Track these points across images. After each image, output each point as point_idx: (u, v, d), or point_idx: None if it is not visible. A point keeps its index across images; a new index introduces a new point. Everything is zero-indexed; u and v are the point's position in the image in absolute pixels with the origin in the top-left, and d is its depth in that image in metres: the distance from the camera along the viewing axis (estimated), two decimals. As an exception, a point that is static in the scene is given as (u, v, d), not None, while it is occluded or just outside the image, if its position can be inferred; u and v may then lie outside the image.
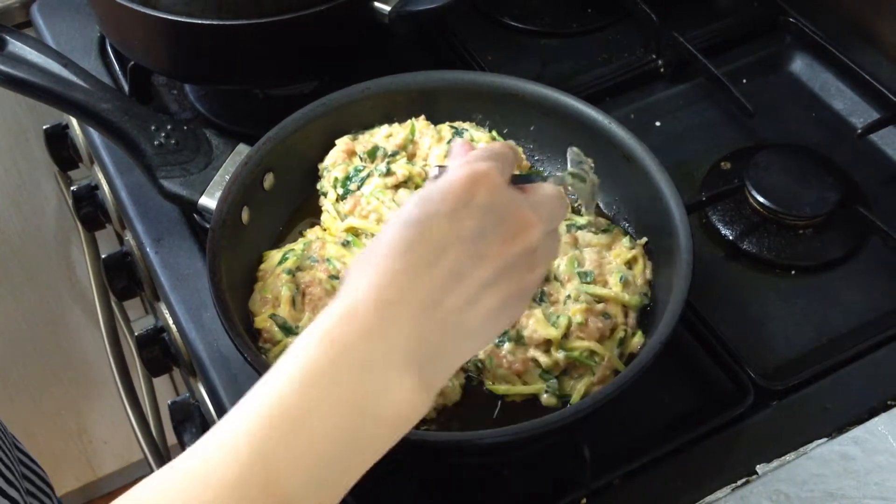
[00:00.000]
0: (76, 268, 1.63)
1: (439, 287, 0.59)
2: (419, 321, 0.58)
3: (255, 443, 0.53)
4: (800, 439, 0.85)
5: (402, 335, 0.57)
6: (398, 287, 0.58)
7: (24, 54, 0.93)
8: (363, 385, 0.55)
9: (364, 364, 0.56)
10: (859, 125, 1.09)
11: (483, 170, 0.62)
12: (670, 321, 0.79)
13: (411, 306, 0.58)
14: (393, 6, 0.98)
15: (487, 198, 0.62)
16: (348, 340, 0.56)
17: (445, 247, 0.60)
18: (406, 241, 0.59)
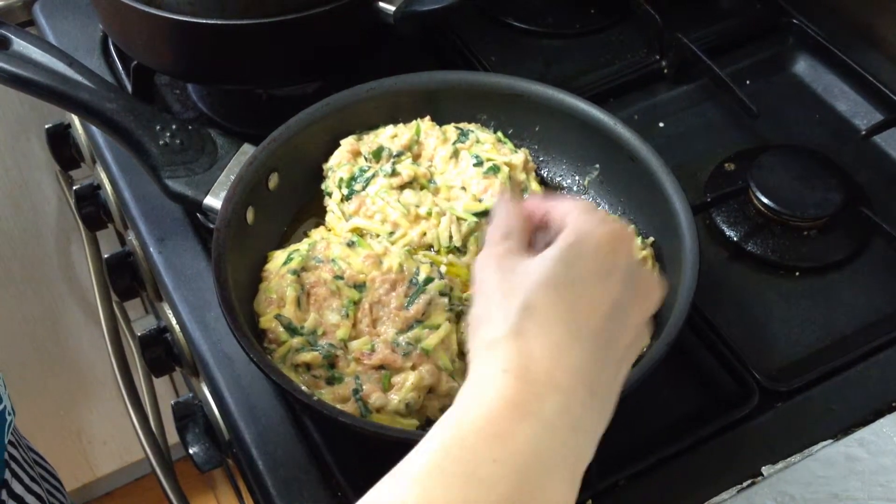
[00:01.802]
0: (76, 268, 1.63)
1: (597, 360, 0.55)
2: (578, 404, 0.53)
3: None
4: (805, 441, 0.85)
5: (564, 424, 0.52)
6: (563, 366, 0.53)
7: (29, 53, 0.93)
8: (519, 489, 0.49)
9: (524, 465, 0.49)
10: (863, 127, 1.09)
11: (621, 229, 0.61)
12: (676, 323, 0.79)
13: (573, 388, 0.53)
14: (397, 6, 0.98)
15: (628, 262, 0.59)
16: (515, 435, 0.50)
17: (601, 315, 0.56)
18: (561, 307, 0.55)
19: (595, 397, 0.55)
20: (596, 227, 0.60)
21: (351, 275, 0.85)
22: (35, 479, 0.83)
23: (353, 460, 0.84)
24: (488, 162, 0.93)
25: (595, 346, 0.55)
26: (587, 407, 0.54)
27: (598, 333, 0.56)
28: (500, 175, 0.93)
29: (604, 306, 0.57)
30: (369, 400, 0.79)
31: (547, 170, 1.00)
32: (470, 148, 0.95)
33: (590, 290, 0.57)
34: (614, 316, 0.57)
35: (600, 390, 0.55)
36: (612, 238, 0.59)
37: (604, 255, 0.58)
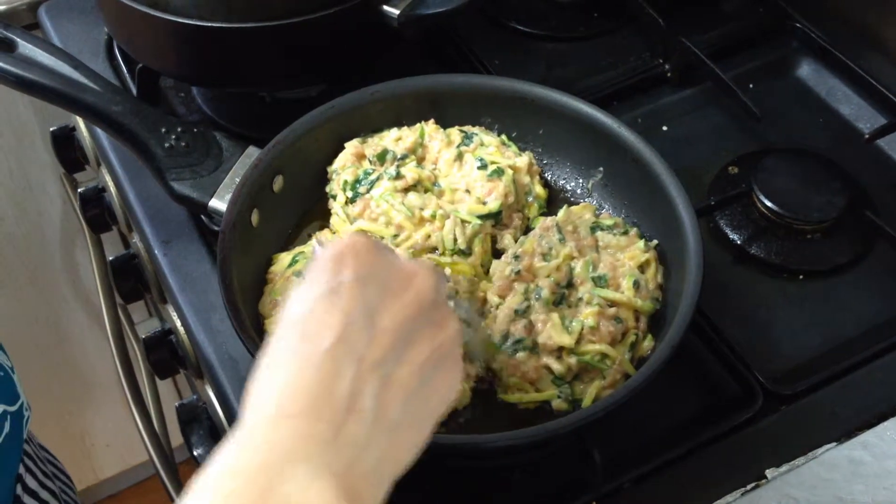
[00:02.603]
0: (81, 270, 1.63)
1: (339, 376, 0.53)
2: (326, 425, 0.51)
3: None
4: (809, 444, 0.84)
5: (309, 445, 0.50)
6: (294, 393, 0.52)
7: (35, 56, 0.93)
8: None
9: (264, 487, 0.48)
10: (866, 130, 1.09)
11: (350, 242, 0.58)
12: (680, 326, 0.79)
13: (313, 411, 0.52)
14: (402, 10, 0.98)
15: (362, 265, 0.57)
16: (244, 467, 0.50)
17: (333, 329, 0.54)
18: (292, 339, 0.55)
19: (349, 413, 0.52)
20: (324, 252, 0.59)
21: (355, 277, 0.85)
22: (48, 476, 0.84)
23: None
24: (492, 165, 0.94)
25: (334, 361, 0.53)
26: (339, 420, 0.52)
27: (336, 348, 0.54)
28: (505, 178, 0.93)
29: (336, 319, 0.55)
30: (374, 402, 0.79)
31: (550, 173, 1.00)
32: (474, 151, 0.95)
33: (317, 309, 0.55)
34: (352, 326, 0.55)
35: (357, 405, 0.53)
36: (336, 253, 0.58)
37: (327, 274, 0.57)
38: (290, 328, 0.55)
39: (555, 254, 0.88)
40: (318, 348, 0.54)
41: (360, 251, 0.58)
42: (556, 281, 0.85)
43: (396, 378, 0.55)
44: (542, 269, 0.86)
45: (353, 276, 0.57)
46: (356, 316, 0.55)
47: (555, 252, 0.88)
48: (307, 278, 0.58)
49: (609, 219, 0.92)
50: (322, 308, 0.55)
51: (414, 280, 0.59)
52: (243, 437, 0.51)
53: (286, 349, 0.55)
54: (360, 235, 0.60)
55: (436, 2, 0.99)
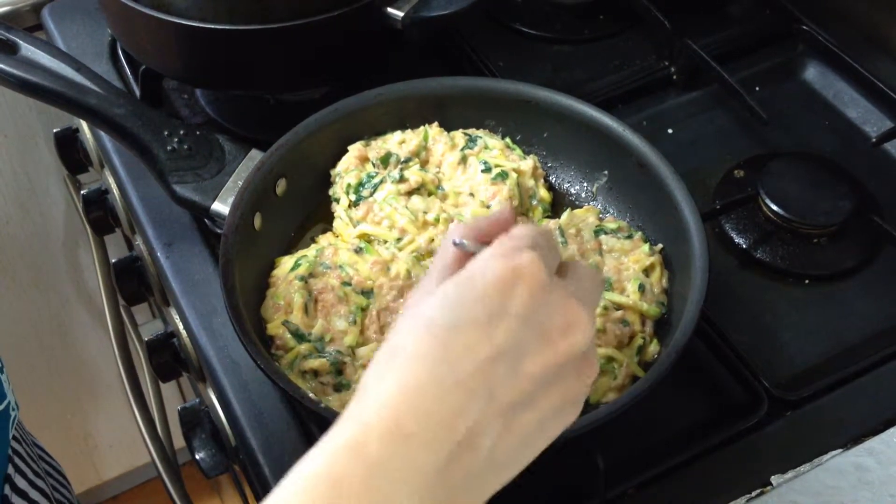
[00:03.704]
0: (84, 272, 1.63)
1: (467, 409, 0.50)
2: (441, 456, 0.50)
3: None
4: (815, 450, 0.84)
5: (418, 472, 0.49)
6: (418, 413, 0.50)
7: (37, 58, 0.93)
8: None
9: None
10: (873, 134, 1.09)
11: (523, 266, 0.53)
12: (686, 331, 0.78)
13: (431, 438, 0.50)
14: (406, 12, 0.98)
15: (527, 302, 0.53)
16: (350, 484, 0.48)
17: (477, 363, 0.51)
18: (430, 349, 0.51)
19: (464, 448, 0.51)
20: (492, 264, 0.54)
21: (359, 281, 0.85)
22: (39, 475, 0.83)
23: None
24: (496, 168, 0.93)
25: (468, 394, 0.51)
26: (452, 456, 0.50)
27: (474, 381, 0.51)
28: (509, 181, 0.92)
29: (482, 353, 0.51)
30: (377, 407, 0.79)
31: (555, 176, 0.99)
32: (478, 154, 0.95)
33: (469, 333, 0.52)
34: (499, 363, 0.52)
35: (474, 441, 0.51)
36: (505, 278, 0.53)
37: (492, 297, 0.53)
38: (433, 335, 0.52)
39: (557, 257, 0.87)
40: (455, 376, 0.51)
41: (533, 285, 0.53)
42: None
43: (520, 422, 0.53)
44: (544, 272, 0.86)
45: (518, 313, 0.53)
46: (506, 355, 0.52)
47: (557, 255, 0.87)
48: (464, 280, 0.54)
49: (613, 222, 0.92)
50: (475, 335, 0.52)
51: (572, 331, 0.55)
52: (357, 445, 0.49)
53: (423, 355, 0.51)
54: (536, 259, 0.54)
55: (440, 4, 0.98)
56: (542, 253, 0.55)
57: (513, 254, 0.54)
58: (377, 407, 0.50)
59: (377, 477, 0.48)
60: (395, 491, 0.48)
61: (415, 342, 0.52)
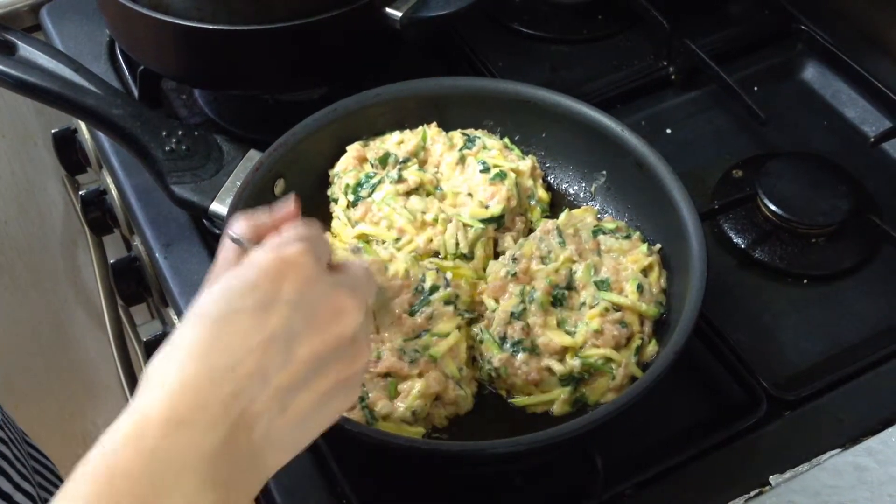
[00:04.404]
0: (82, 272, 1.63)
1: (242, 392, 0.53)
2: (219, 437, 0.52)
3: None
4: (813, 450, 0.84)
5: (197, 457, 0.52)
6: (194, 401, 0.52)
7: (35, 59, 0.93)
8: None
9: (147, 495, 0.50)
10: (872, 134, 1.09)
11: (292, 257, 0.57)
12: (684, 331, 0.78)
13: (208, 423, 0.52)
14: (404, 12, 0.98)
15: (297, 290, 0.56)
16: (131, 472, 0.51)
17: (249, 348, 0.54)
18: (205, 340, 0.54)
19: (240, 429, 0.53)
20: (263, 256, 0.57)
21: (357, 281, 0.85)
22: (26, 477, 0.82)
23: (358, 468, 0.83)
24: (495, 168, 0.93)
25: (242, 379, 0.53)
26: (230, 437, 0.53)
27: (247, 366, 0.54)
28: (507, 181, 0.92)
29: (256, 339, 0.54)
30: (375, 407, 0.79)
31: (553, 176, 0.99)
32: (476, 154, 0.95)
33: (241, 321, 0.55)
34: (271, 348, 0.55)
35: (250, 423, 0.54)
36: (275, 268, 0.56)
37: (263, 286, 0.56)
38: (207, 326, 0.55)
39: (554, 257, 0.87)
40: (228, 363, 0.54)
41: (302, 272, 0.57)
42: (552, 283, 0.85)
43: (295, 404, 0.56)
44: (539, 271, 0.86)
45: (288, 300, 0.56)
46: (278, 341, 0.55)
47: (554, 255, 0.87)
48: (236, 273, 0.57)
49: (611, 222, 0.92)
50: (247, 323, 0.55)
51: (342, 316, 0.58)
52: (136, 436, 0.52)
53: (198, 346, 0.54)
54: (305, 250, 0.58)
55: (439, 4, 0.98)
56: (311, 245, 0.58)
57: (282, 246, 0.58)
58: (156, 398, 0.52)
59: (155, 463, 0.51)
60: (174, 474, 0.51)
61: (190, 334, 0.54)
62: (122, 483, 0.51)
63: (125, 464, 0.51)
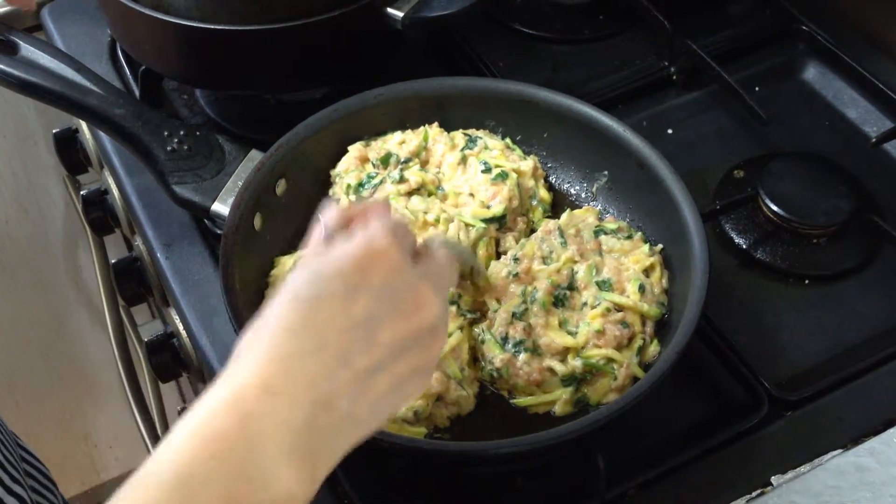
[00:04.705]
0: (83, 272, 1.63)
1: (327, 374, 0.57)
2: (305, 413, 0.56)
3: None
4: (815, 450, 0.84)
5: (286, 428, 0.55)
6: (285, 375, 0.56)
7: (37, 59, 0.93)
8: (240, 482, 0.54)
9: (243, 459, 0.54)
10: (873, 134, 1.09)
11: (382, 248, 0.61)
12: (686, 331, 0.78)
13: (297, 397, 0.56)
14: (406, 12, 0.98)
15: (383, 279, 0.60)
16: (228, 434, 0.54)
17: (335, 333, 0.58)
18: (296, 321, 0.58)
19: (326, 406, 0.57)
20: (353, 247, 0.60)
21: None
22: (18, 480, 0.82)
23: (359, 468, 0.83)
24: (496, 168, 0.93)
25: (328, 360, 0.57)
26: (314, 413, 0.56)
27: (332, 348, 0.58)
28: (509, 181, 0.92)
29: (342, 323, 0.58)
30: (377, 408, 0.79)
31: (555, 176, 0.99)
32: (478, 154, 0.95)
33: (329, 306, 0.58)
34: (355, 333, 0.58)
35: (334, 401, 0.57)
36: (363, 258, 0.60)
37: (352, 274, 0.59)
38: (298, 307, 0.58)
39: (555, 257, 0.87)
40: (316, 344, 0.57)
41: (388, 264, 0.60)
42: (554, 283, 0.85)
43: (375, 385, 0.59)
44: (541, 271, 0.86)
45: (374, 289, 0.60)
46: (361, 324, 0.59)
47: (555, 255, 0.87)
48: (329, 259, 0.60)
49: (613, 223, 0.92)
50: (334, 307, 0.58)
51: (423, 308, 0.62)
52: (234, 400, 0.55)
53: (289, 326, 0.57)
54: (393, 244, 0.61)
55: (440, 4, 0.98)
56: (399, 238, 0.62)
57: (372, 239, 0.61)
58: (250, 370, 0.56)
59: (250, 427, 0.54)
60: (266, 439, 0.54)
61: (281, 314, 0.58)
62: (219, 443, 0.54)
63: (223, 425, 0.54)
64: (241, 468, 0.54)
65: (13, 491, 0.81)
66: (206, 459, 0.53)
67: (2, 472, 0.82)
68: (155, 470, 0.54)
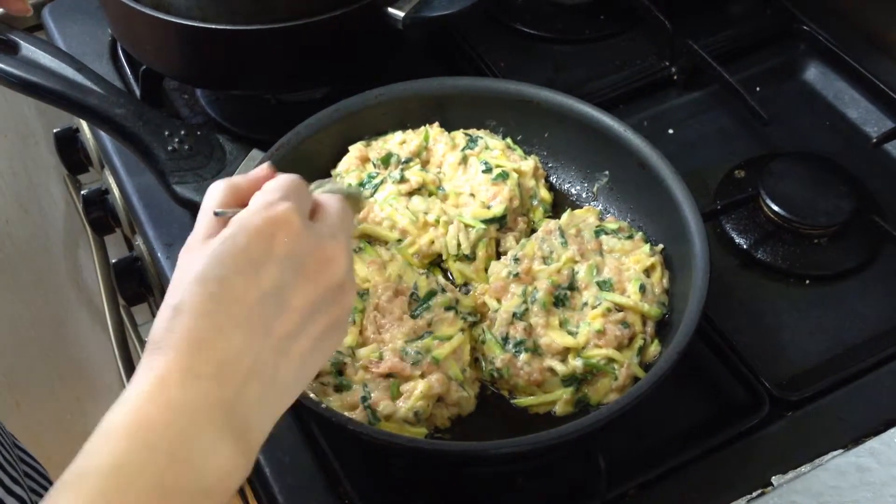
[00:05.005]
0: (84, 272, 1.63)
1: (248, 347, 0.58)
2: (231, 389, 0.57)
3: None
4: (815, 451, 0.84)
5: (215, 407, 0.56)
6: (207, 357, 0.56)
7: (38, 58, 0.93)
8: (174, 466, 0.54)
9: (175, 445, 0.54)
10: (874, 134, 1.09)
11: (281, 215, 0.60)
12: (687, 331, 0.78)
13: (222, 376, 0.57)
14: (406, 12, 0.98)
15: (287, 247, 0.60)
16: (157, 422, 0.54)
17: (250, 305, 0.58)
18: (206, 302, 0.57)
19: (251, 379, 0.58)
20: (253, 219, 0.60)
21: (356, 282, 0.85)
22: (17, 480, 0.82)
23: (360, 467, 0.83)
24: (497, 168, 0.93)
25: (246, 334, 0.58)
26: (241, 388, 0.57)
27: (248, 322, 0.58)
28: (509, 181, 0.92)
29: (253, 296, 0.58)
30: (378, 408, 0.79)
31: (556, 176, 0.99)
32: (479, 154, 0.95)
33: (237, 282, 0.58)
34: (267, 303, 0.59)
35: (258, 372, 0.58)
36: (266, 226, 0.60)
37: (256, 244, 0.59)
38: (206, 289, 0.58)
39: (556, 257, 0.87)
40: (231, 321, 0.58)
41: (289, 232, 0.60)
42: (554, 283, 0.85)
43: (295, 349, 0.60)
44: (541, 272, 0.86)
45: (279, 258, 0.60)
46: (271, 294, 0.59)
47: (556, 255, 0.87)
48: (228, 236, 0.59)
49: (614, 223, 0.92)
50: (243, 283, 0.58)
51: (329, 265, 0.62)
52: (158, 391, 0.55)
53: (201, 307, 0.57)
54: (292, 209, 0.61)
55: (441, 4, 0.98)
56: (295, 202, 0.62)
57: (269, 207, 0.61)
58: (171, 357, 0.56)
59: (179, 414, 0.55)
60: (196, 425, 0.55)
61: (192, 297, 0.57)
62: (150, 435, 0.54)
63: (150, 417, 0.54)
64: (175, 454, 0.54)
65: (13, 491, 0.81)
66: (138, 449, 0.54)
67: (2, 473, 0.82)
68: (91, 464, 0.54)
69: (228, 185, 0.65)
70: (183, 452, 0.54)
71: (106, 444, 0.54)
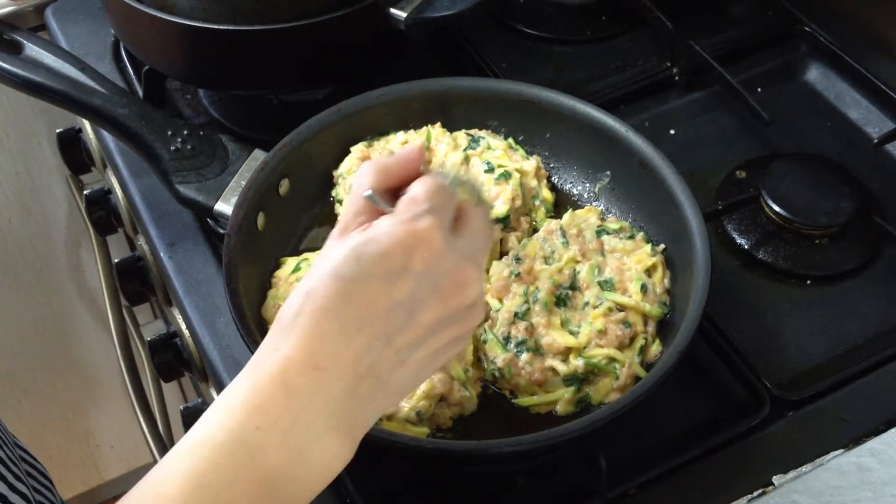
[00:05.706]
0: (86, 272, 1.63)
1: (369, 350, 0.59)
2: (346, 386, 0.59)
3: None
4: (816, 450, 0.84)
5: (329, 400, 0.58)
6: (328, 351, 0.58)
7: (41, 58, 0.93)
8: (285, 452, 0.57)
9: (287, 430, 0.57)
10: (875, 135, 1.09)
11: (425, 232, 0.61)
12: (688, 331, 0.79)
13: (340, 372, 0.59)
14: (409, 12, 0.98)
15: (426, 264, 0.61)
16: (274, 407, 0.57)
17: (377, 313, 0.60)
18: (338, 300, 0.59)
19: (365, 379, 0.60)
20: (396, 229, 0.61)
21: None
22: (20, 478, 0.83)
23: (362, 467, 0.83)
24: (499, 168, 0.93)
25: (369, 338, 0.59)
26: (355, 385, 0.59)
27: (374, 327, 0.59)
28: (511, 181, 0.92)
29: (384, 304, 0.60)
30: (379, 407, 0.79)
31: (557, 177, 0.99)
32: (481, 154, 0.95)
33: (371, 286, 0.60)
34: (397, 314, 0.60)
35: (374, 374, 0.60)
36: (409, 237, 0.60)
37: (395, 256, 0.60)
38: (340, 285, 0.59)
39: (557, 257, 0.87)
40: (358, 323, 0.59)
41: (430, 250, 0.61)
42: (556, 283, 0.85)
43: (413, 359, 0.62)
44: (543, 271, 0.86)
45: (416, 273, 0.60)
46: (402, 306, 0.60)
47: (557, 255, 0.88)
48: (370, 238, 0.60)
49: (615, 223, 0.92)
50: (376, 288, 0.60)
51: (464, 288, 0.63)
52: (281, 375, 0.58)
53: (332, 303, 0.59)
54: (435, 226, 0.61)
55: (443, 5, 0.98)
56: (440, 217, 0.62)
57: (414, 220, 0.61)
58: (296, 344, 0.58)
59: (296, 400, 0.57)
60: (310, 412, 0.58)
61: (325, 289, 0.59)
62: (265, 416, 0.57)
63: (270, 398, 0.57)
64: (286, 439, 0.57)
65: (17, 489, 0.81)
66: (252, 428, 0.56)
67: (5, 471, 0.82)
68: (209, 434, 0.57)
69: (378, 167, 0.65)
70: (294, 441, 0.57)
71: (227, 417, 0.57)
